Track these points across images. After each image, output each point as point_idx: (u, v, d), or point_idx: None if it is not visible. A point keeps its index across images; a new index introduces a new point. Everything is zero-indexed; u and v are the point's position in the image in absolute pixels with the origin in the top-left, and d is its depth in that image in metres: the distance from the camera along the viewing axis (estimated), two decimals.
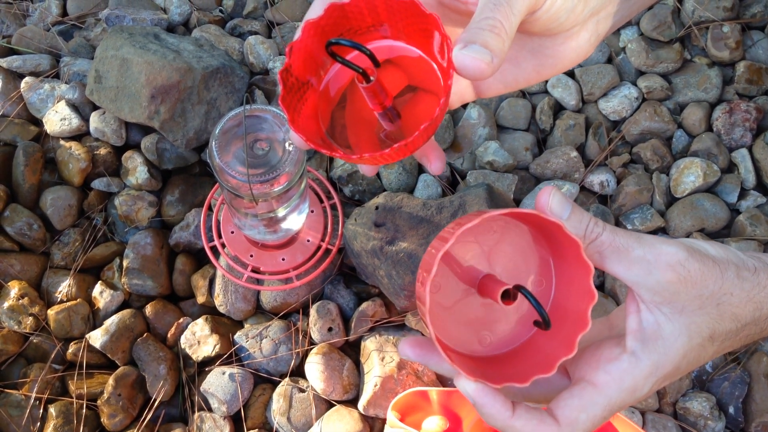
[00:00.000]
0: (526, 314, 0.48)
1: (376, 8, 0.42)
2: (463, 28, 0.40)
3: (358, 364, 0.90)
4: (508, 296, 0.43)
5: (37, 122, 1.02)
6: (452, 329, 0.48)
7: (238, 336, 0.90)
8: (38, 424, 0.85)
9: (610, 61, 1.08)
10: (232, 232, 0.92)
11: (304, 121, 0.44)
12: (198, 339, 0.89)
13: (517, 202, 0.95)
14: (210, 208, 0.95)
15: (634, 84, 1.04)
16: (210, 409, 0.87)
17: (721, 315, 0.41)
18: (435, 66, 0.44)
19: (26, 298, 0.90)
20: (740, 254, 0.42)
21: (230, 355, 0.90)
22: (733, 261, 0.41)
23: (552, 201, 0.40)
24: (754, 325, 0.42)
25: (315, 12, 0.42)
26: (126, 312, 0.90)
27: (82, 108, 1.00)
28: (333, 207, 0.96)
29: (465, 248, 0.46)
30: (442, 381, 0.88)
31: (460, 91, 0.48)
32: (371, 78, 0.41)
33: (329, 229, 0.93)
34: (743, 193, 0.98)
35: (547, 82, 1.05)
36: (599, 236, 0.41)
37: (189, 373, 0.90)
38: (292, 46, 0.41)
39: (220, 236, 0.92)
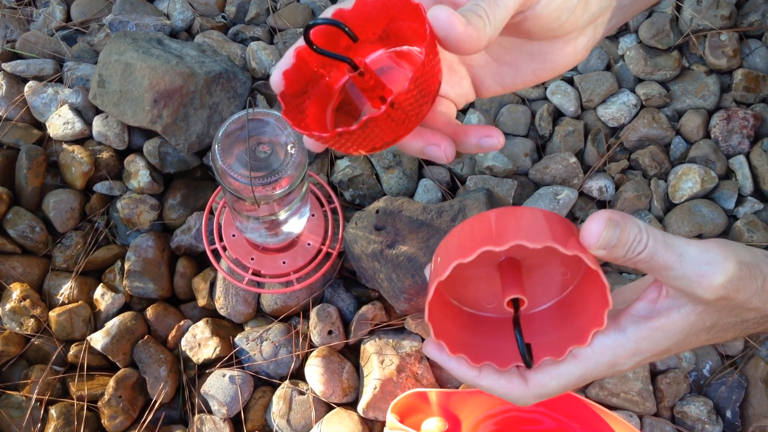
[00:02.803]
0: (544, 290, 0.49)
1: (373, 18, 0.42)
2: None
3: (357, 367, 0.90)
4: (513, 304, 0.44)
5: (40, 126, 1.03)
6: (468, 288, 0.49)
7: (239, 339, 0.91)
8: (39, 425, 0.85)
9: (608, 68, 1.09)
10: (234, 236, 0.93)
11: (311, 122, 0.44)
12: (198, 341, 0.90)
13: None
14: (211, 212, 0.96)
15: (633, 91, 1.05)
16: (210, 411, 0.87)
17: (729, 312, 0.42)
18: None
19: (28, 300, 0.90)
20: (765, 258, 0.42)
21: (230, 357, 0.90)
22: (762, 270, 0.41)
23: (597, 228, 0.39)
24: (754, 322, 0.44)
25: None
26: (127, 314, 0.91)
27: (85, 112, 1.01)
28: (334, 211, 0.96)
29: None
30: (441, 383, 0.88)
31: (464, 92, 0.49)
32: (359, 67, 0.41)
33: (330, 233, 0.94)
34: (741, 200, 0.98)
35: (546, 89, 1.06)
36: (639, 254, 0.40)
37: (189, 376, 0.91)
38: (284, 72, 0.42)
39: (221, 239, 0.93)
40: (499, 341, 0.48)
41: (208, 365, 0.90)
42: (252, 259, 0.92)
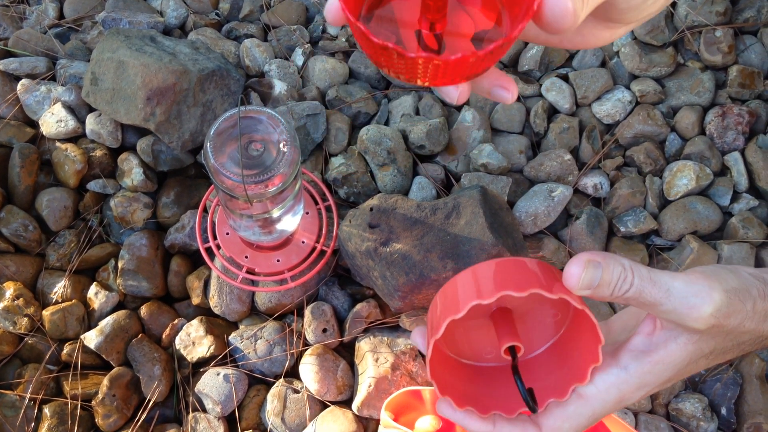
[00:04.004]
0: (538, 334, 0.50)
1: None
2: None
3: (352, 365, 0.90)
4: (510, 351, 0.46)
5: (33, 124, 1.02)
6: (463, 341, 0.50)
7: (233, 337, 0.90)
8: (33, 424, 0.85)
9: (603, 64, 1.08)
10: (227, 234, 0.93)
11: None
12: (193, 340, 0.90)
13: (511, 204, 0.96)
14: (205, 210, 0.95)
15: (628, 88, 1.05)
16: (204, 410, 0.87)
17: (725, 337, 0.43)
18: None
19: (21, 299, 0.90)
20: (756, 281, 0.43)
21: (225, 356, 0.90)
22: (751, 294, 0.42)
23: (575, 271, 0.41)
24: (751, 343, 0.44)
25: None
26: (121, 313, 0.91)
27: (78, 110, 1.01)
28: (328, 209, 0.96)
29: None
30: None
31: None
32: None
33: (324, 231, 0.94)
34: (736, 196, 0.98)
35: (541, 86, 1.05)
36: (626, 293, 0.41)
37: (183, 374, 0.90)
38: None
39: (215, 238, 0.93)
40: (502, 389, 0.49)
41: (203, 364, 0.90)
42: (246, 257, 0.91)
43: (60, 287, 0.92)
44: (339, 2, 0.35)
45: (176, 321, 0.92)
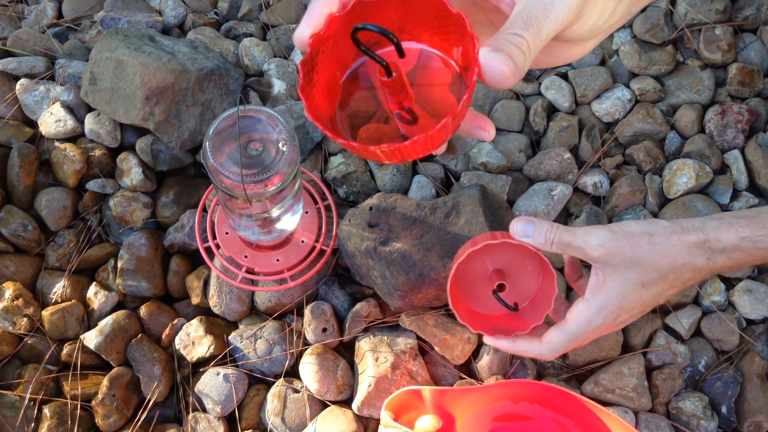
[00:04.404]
0: (525, 287, 0.71)
1: (399, 7, 0.42)
2: (491, 29, 0.45)
3: (352, 365, 0.90)
4: (499, 288, 0.68)
5: (32, 124, 1.02)
6: (480, 297, 0.72)
7: (233, 337, 0.90)
8: (32, 424, 0.84)
9: (603, 63, 1.08)
10: (227, 233, 0.92)
11: (317, 99, 0.43)
12: (192, 340, 0.90)
13: (511, 203, 0.96)
14: (204, 210, 0.95)
15: (627, 86, 1.05)
16: (204, 410, 0.87)
17: (644, 269, 0.58)
18: (453, 64, 0.44)
19: (21, 299, 0.90)
20: (663, 223, 0.58)
21: (225, 355, 0.90)
22: (648, 232, 0.58)
23: (516, 226, 0.63)
24: (674, 272, 0.58)
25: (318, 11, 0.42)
26: (120, 313, 0.91)
27: (77, 110, 1.00)
28: (327, 208, 0.96)
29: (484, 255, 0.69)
30: (436, 380, 0.88)
31: None
32: (393, 73, 0.40)
33: (323, 230, 0.94)
34: (735, 194, 0.98)
35: (540, 84, 1.05)
36: (553, 240, 0.61)
37: (183, 374, 0.90)
38: (313, 36, 0.41)
39: (214, 237, 0.92)
40: (504, 323, 0.71)
41: (202, 363, 0.90)
42: (245, 256, 0.91)
43: (59, 287, 0.92)
44: (307, 111, 0.40)
45: (176, 321, 0.92)
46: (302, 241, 0.93)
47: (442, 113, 0.44)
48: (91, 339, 0.88)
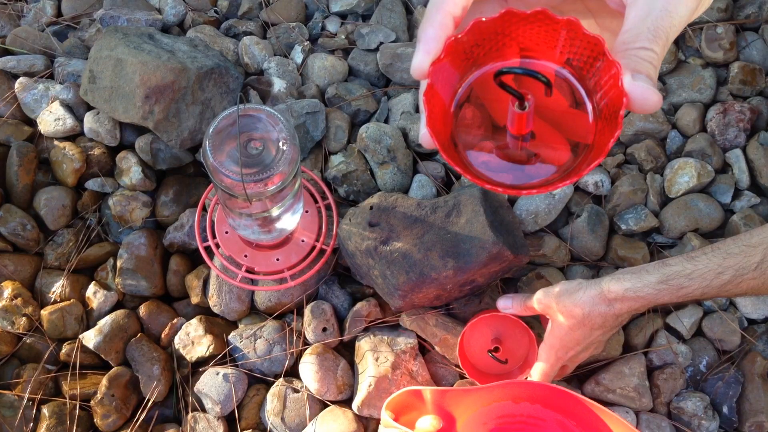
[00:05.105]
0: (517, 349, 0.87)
1: (520, 25, 0.40)
2: (588, 19, 0.44)
3: (352, 365, 0.90)
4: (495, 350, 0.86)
5: (31, 122, 1.02)
6: (482, 359, 0.87)
7: (233, 336, 0.90)
8: (31, 424, 0.84)
9: None
10: (227, 233, 0.92)
11: (438, 128, 0.41)
12: (192, 339, 0.89)
13: (512, 203, 0.95)
14: (204, 209, 0.95)
15: None
16: (204, 410, 0.87)
17: (566, 317, 0.75)
18: (580, 88, 0.42)
19: (19, 299, 0.90)
20: (581, 282, 0.75)
21: (224, 355, 0.89)
22: (567, 290, 0.75)
23: (499, 303, 0.84)
24: (587, 318, 0.73)
25: (435, 30, 0.40)
26: (120, 312, 0.90)
27: (77, 108, 1.00)
28: (327, 207, 0.96)
29: None
30: (436, 380, 0.88)
31: None
32: (526, 104, 0.40)
33: (324, 229, 0.93)
34: (737, 194, 0.98)
35: None
36: (523, 305, 0.81)
37: (183, 374, 0.90)
38: (433, 64, 0.39)
39: (214, 236, 0.92)
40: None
41: (202, 363, 0.90)
42: (245, 256, 0.91)
43: (58, 286, 0.92)
44: (441, 152, 0.40)
45: (175, 320, 0.91)
46: (302, 241, 0.93)
47: (562, 127, 0.42)
48: (90, 338, 0.88)
